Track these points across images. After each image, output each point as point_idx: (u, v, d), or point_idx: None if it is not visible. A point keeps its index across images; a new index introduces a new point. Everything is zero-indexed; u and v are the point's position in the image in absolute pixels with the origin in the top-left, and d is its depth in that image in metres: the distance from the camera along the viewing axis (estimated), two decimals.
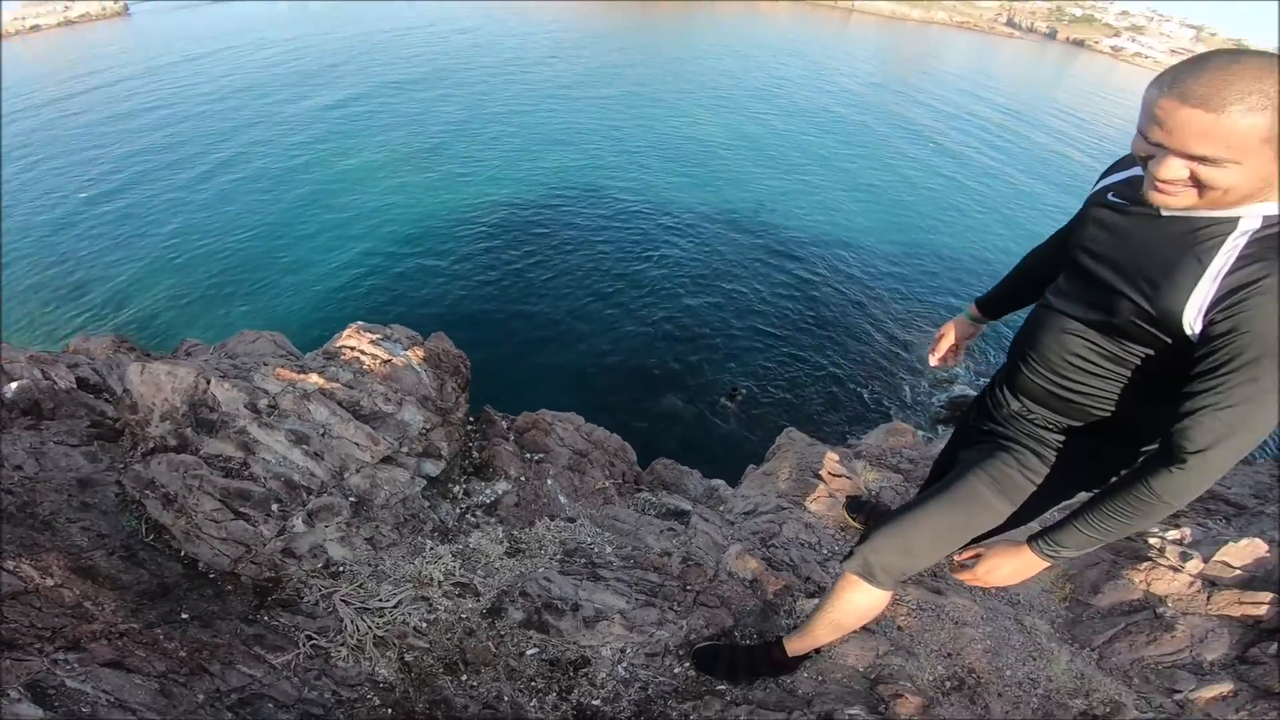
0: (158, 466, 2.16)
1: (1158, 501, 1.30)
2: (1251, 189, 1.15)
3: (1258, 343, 1.13)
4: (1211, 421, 1.20)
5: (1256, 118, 1.06)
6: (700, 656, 2.24)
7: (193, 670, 1.70)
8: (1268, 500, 3.39)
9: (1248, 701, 2.44)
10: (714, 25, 68.17)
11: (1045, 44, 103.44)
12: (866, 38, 76.88)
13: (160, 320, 14.34)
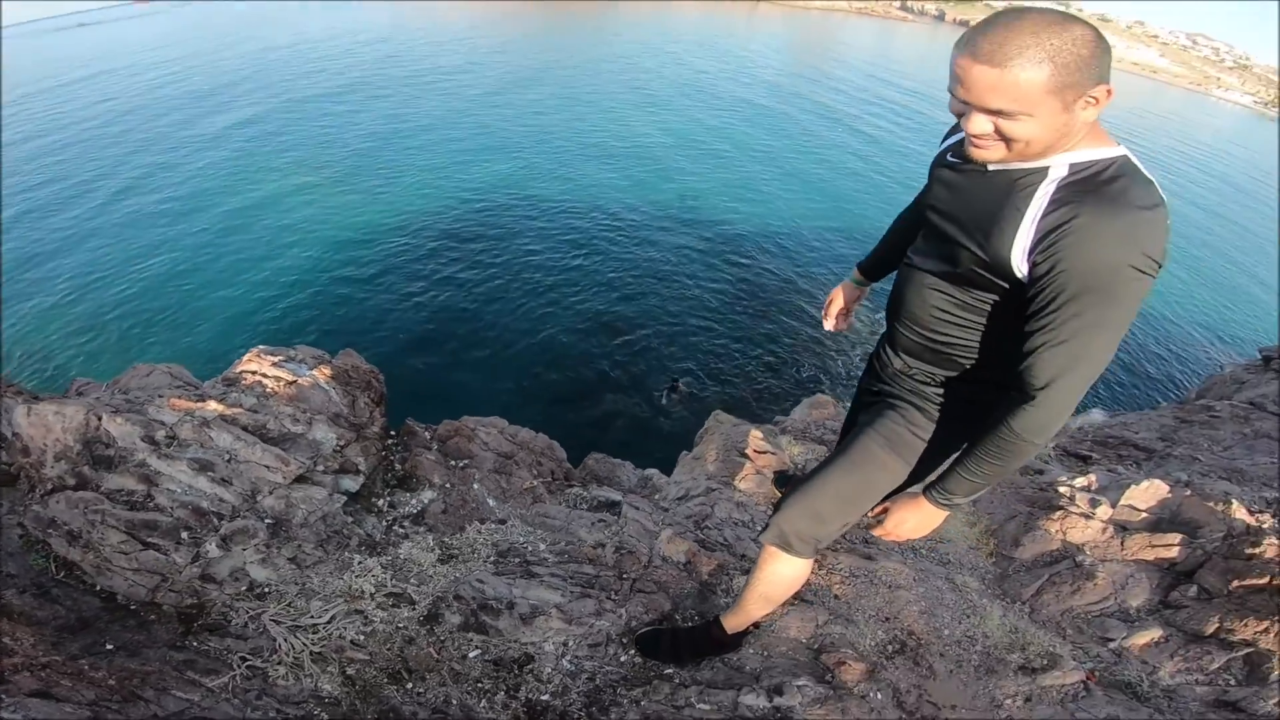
0: (56, 505, 2.28)
1: (1019, 440, 1.51)
2: (1052, 139, 1.35)
3: (1075, 279, 1.33)
4: (1050, 356, 1.40)
5: (1034, 70, 1.26)
6: (643, 642, 2.49)
7: (125, 697, 1.83)
8: (1174, 443, 3.89)
9: (1180, 646, 2.82)
10: (628, 23, 70.87)
11: (936, 25, 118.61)
12: (774, 30, 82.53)
13: (57, 361, 14.03)
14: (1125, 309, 1.35)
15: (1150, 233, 1.29)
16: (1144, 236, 1.29)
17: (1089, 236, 1.30)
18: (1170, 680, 2.73)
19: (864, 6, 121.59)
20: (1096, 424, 4.59)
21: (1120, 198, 1.31)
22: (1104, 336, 1.37)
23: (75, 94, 34.82)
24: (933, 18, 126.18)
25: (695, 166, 26.61)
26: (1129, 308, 1.35)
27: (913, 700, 2.57)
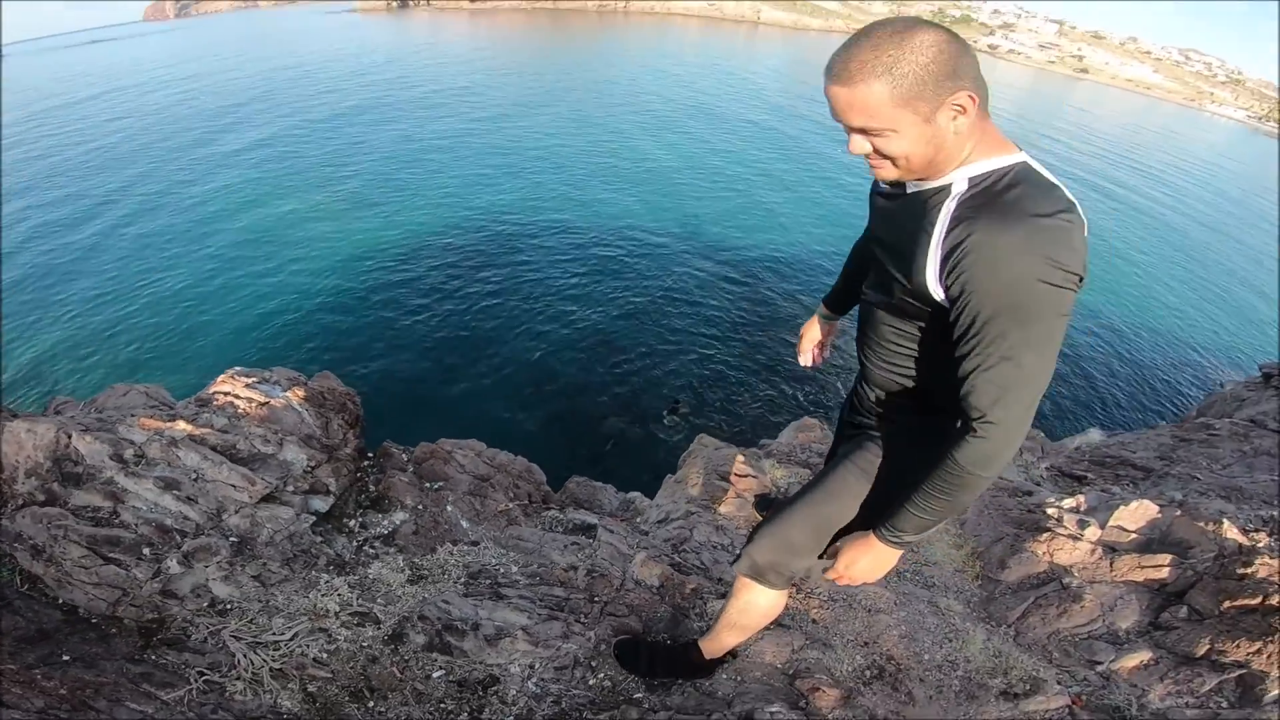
0: (23, 520, 2.29)
1: (965, 473, 1.43)
2: (928, 152, 1.32)
3: (986, 300, 1.27)
4: (983, 384, 1.33)
5: (876, 85, 1.24)
6: (621, 648, 2.46)
7: (75, 707, 1.82)
8: (1173, 462, 3.84)
9: (1170, 669, 2.76)
10: (631, 42, 72.78)
11: None
12: (775, 50, 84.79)
13: (57, 376, 14.33)
14: (1047, 324, 1.28)
15: (1052, 240, 1.23)
16: (1045, 245, 1.22)
17: (988, 253, 1.25)
18: (1160, 703, 2.67)
19: (860, 26, 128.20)
20: (1094, 444, 4.54)
21: (1014, 207, 1.26)
22: (1032, 355, 1.30)
23: (89, 111, 36.00)
24: None
25: (699, 188, 27.02)
26: (1051, 322, 1.28)
27: None
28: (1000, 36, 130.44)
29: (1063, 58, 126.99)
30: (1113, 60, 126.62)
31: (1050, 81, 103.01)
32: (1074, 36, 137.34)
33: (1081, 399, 15.78)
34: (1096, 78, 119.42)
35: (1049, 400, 15.35)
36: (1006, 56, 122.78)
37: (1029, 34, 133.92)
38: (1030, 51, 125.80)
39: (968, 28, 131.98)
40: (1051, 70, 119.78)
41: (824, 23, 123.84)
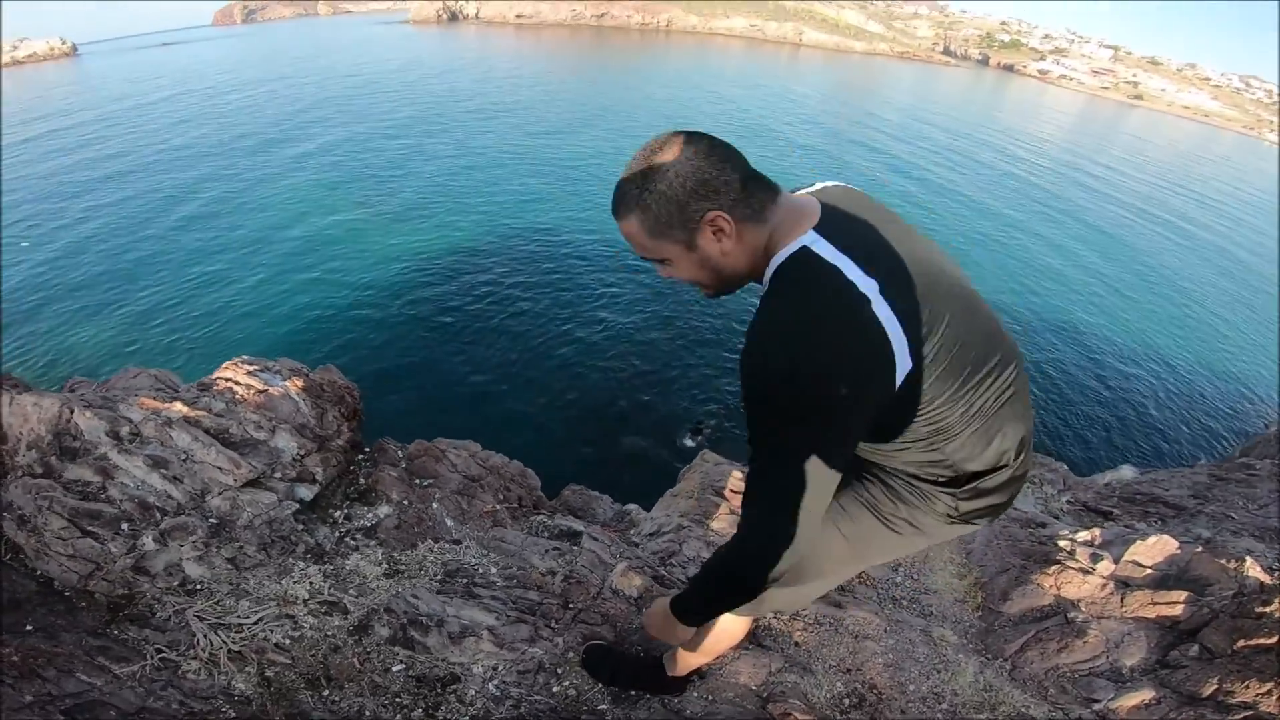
0: (14, 490, 2.37)
1: (726, 571, 1.40)
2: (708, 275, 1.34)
3: (747, 401, 1.22)
4: (749, 485, 1.27)
5: (632, 219, 1.27)
6: (589, 654, 2.42)
7: (23, 674, 1.87)
8: (1207, 500, 3.63)
9: (1171, 710, 2.60)
10: (674, 64, 73.89)
11: (979, 70, 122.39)
12: (818, 71, 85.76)
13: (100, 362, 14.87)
14: (806, 428, 1.19)
15: (789, 337, 1.16)
16: (781, 344, 1.17)
17: (744, 352, 1.22)
18: None
19: (905, 49, 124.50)
20: (1125, 480, 4.33)
21: (767, 305, 1.24)
22: (788, 460, 1.21)
23: (162, 111, 38.36)
24: (975, 62, 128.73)
25: None
26: (810, 427, 1.19)
27: None
28: (1051, 62, 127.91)
29: (1117, 84, 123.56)
30: (1169, 87, 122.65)
31: (1102, 108, 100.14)
32: (1129, 62, 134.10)
33: (1117, 434, 15.19)
34: (1152, 104, 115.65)
35: (1078, 435, 14.76)
36: (1057, 82, 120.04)
37: (1081, 59, 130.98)
38: (1082, 77, 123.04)
39: (1017, 53, 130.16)
40: (1105, 96, 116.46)
41: (867, 45, 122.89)
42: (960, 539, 3.52)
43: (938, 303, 1.26)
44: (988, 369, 1.36)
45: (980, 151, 44.07)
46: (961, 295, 1.36)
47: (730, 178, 1.24)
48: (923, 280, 1.25)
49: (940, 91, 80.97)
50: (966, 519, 1.54)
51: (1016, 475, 1.50)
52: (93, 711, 1.87)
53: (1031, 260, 26.00)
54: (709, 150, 1.24)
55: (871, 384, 1.20)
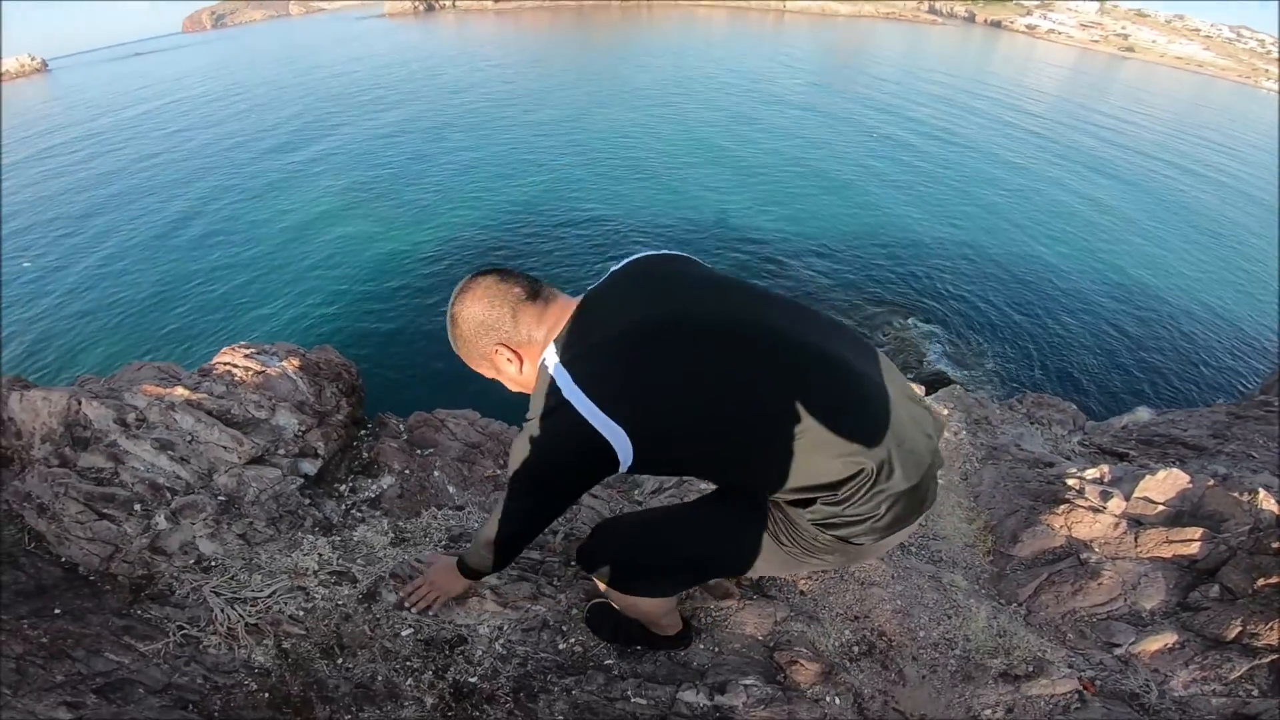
0: (32, 480, 2.56)
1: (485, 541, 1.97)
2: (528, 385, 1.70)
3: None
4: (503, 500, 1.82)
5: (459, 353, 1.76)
6: (593, 612, 2.58)
7: (53, 655, 2.06)
8: (1226, 439, 3.64)
9: (1197, 653, 2.65)
10: (658, 34, 72.90)
11: (967, 28, 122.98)
12: (803, 37, 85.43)
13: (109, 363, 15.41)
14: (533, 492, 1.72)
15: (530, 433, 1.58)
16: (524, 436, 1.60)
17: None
18: (1183, 691, 2.59)
19: (891, 10, 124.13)
20: (1142, 422, 4.33)
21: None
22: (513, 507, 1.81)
23: (146, 123, 38.69)
24: (962, 19, 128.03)
25: (743, 183, 27.19)
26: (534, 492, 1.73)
27: (876, 707, 2.54)
28: (1039, 16, 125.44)
29: (1106, 36, 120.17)
30: (1160, 38, 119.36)
31: (1095, 61, 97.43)
32: (1116, 15, 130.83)
33: (1134, 378, 15.15)
34: (1144, 56, 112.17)
35: (1095, 379, 14.77)
36: (1046, 36, 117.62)
37: (1069, 13, 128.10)
38: (1071, 31, 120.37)
39: (1003, 8, 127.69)
40: (1096, 49, 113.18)
41: (853, 8, 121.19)
42: (966, 481, 3.59)
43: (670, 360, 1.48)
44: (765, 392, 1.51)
45: (984, 105, 43.91)
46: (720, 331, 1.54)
47: (507, 305, 1.62)
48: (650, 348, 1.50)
49: (931, 50, 79.73)
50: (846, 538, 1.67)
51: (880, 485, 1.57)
52: (122, 689, 2.06)
53: (1050, 205, 25.98)
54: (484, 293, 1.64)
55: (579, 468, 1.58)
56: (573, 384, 1.47)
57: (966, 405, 4.11)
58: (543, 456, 1.55)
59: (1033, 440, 3.84)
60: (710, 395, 1.49)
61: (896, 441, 1.55)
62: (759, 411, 1.51)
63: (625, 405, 1.45)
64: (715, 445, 1.56)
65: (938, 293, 18.07)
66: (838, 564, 1.93)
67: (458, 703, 2.31)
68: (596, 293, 1.65)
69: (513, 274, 1.66)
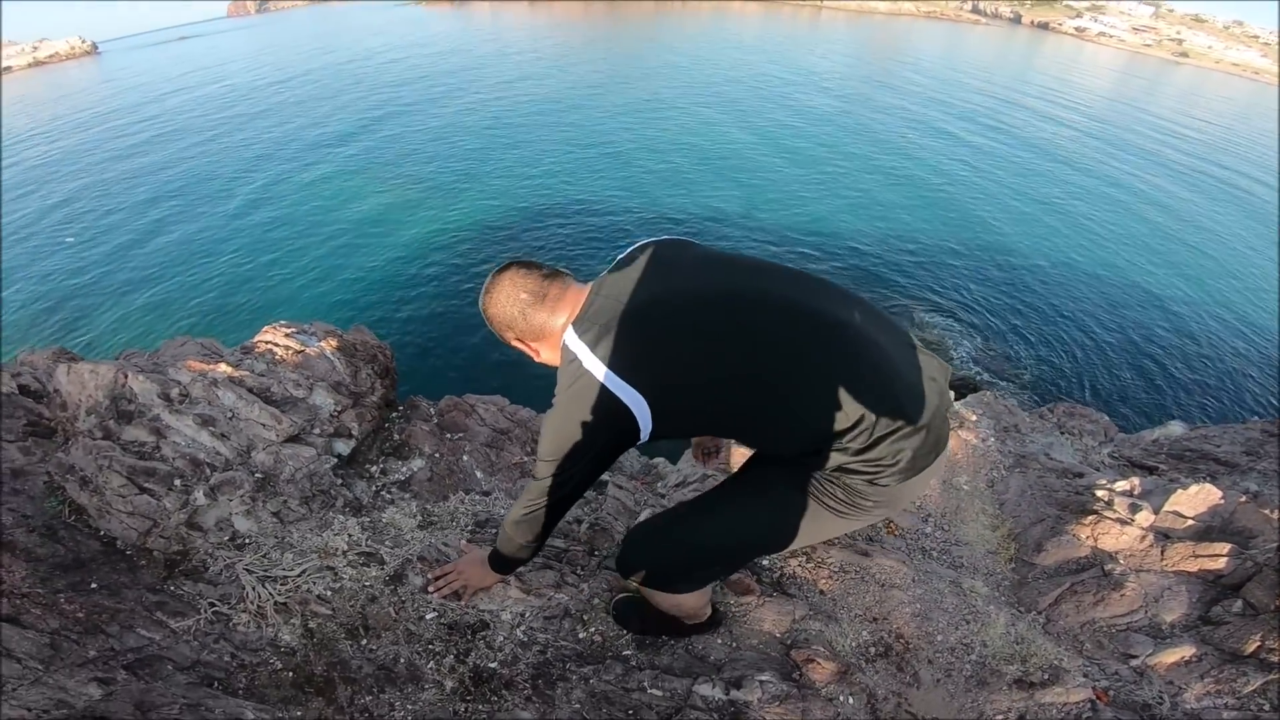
0: (75, 452, 2.55)
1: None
2: (545, 363, 1.85)
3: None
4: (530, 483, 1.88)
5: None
6: (619, 607, 2.52)
7: (87, 630, 2.05)
8: (1259, 457, 3.47)
9: (1213, 667, 2.55)
10: (691, 29, 70.37)
11: (1012, 28, 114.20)
12: (841, 34, 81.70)
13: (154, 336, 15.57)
14: (562, 464, 1.75)
15: (555, 407, 1.69)
16: (551, 411, 1.71)
17: None
18: (1196, 703, 2.48)
19: (932, 9, 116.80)
20: (1174, 436, 4.15)
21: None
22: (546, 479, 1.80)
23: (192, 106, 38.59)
24: (1007, 20, 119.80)
25: (781, 172, 26.76)
26: (563, 465, 1.75)
27: (889, 708, 2.47)
28: (1089, 19, 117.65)
29: (1160, 41, 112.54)
30: (1216, 44, 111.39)
31: (1145, 65, 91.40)
32: (1172, 19, 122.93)
33: (1168, 391, 14.54)
34: (1198, 62, 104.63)
35: (1128, 391, 14.21)
36: (1096, 39, 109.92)
37: (1121, 16, 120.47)
38: (1123, 34, 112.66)
39: (1051, 9, 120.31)
40: (1147, 54, 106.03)
41: (892, 5, 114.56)
42: (993, 489, 3.47)
43: (678, 329, 1.61)
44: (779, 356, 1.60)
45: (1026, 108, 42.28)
46: (722, 299, 1.64)
47: (514, 313, 1.75)
48: (659, 320, 1.62)
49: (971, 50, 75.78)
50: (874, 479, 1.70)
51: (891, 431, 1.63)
52: (151, 666, 2.04)
53: (1087, 212, 25.02)
54: (502, 296, 1.76)
55: (602, 432, 1.64)
56: (592, 356, 1.57)
57: (996, 412, 3.98)
58: (568, 426, 1.63)
59: (1062, 450, 3.70)
60: (716, 356, 1.59)
61: (898, 387, 1.63)
62: (762, 367, 1.60)
63: (643, 373, 1.56)
64: (724, 404, 1.66)
65: (968, 296, 17.44)
66: (873, 516, 1.89)
67: (477, 687, 2.28)
68: (608, 278, 1.73)
69: (526, 274, 1.76)
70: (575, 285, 1.77)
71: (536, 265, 1.77)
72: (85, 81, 47.82)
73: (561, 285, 1.75)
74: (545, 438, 1.71)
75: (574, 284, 1.78)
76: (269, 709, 2.03)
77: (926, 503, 3.28)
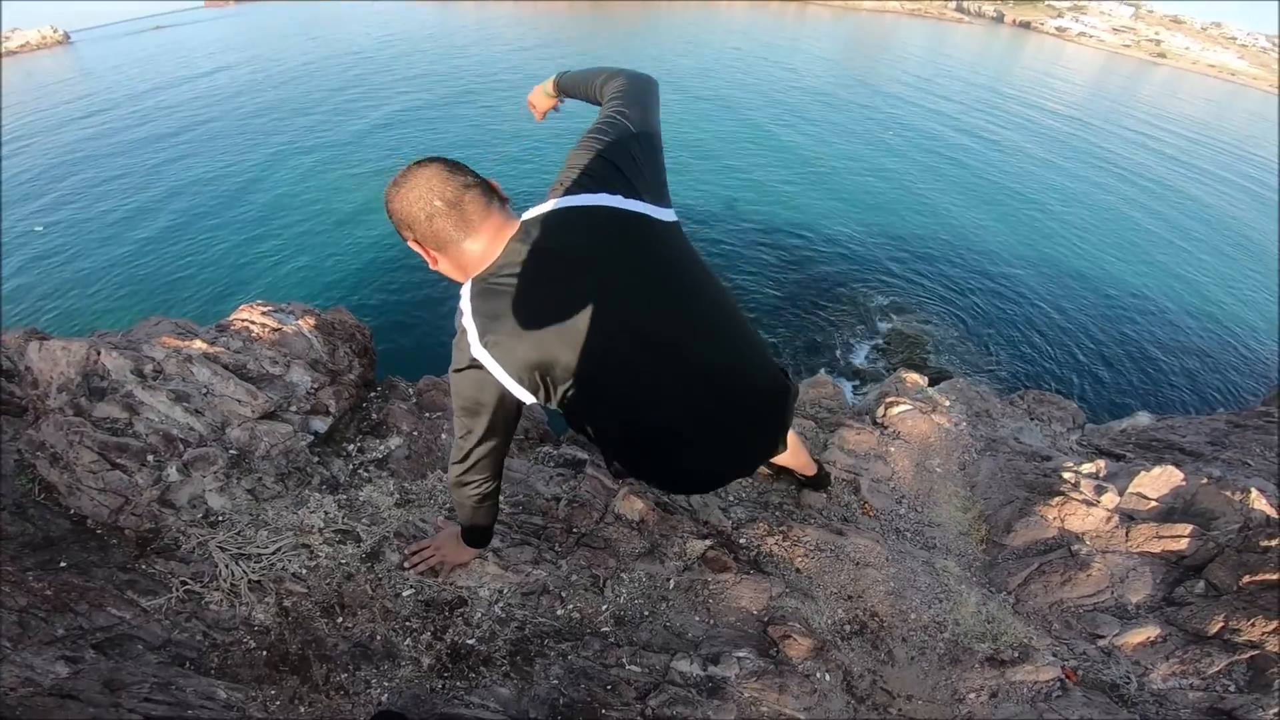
0: (46, 428, 2.42)
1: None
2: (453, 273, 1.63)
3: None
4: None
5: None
6: None
7: (56, 608, 1.94)
8: (1223, 447, 3.48)
9: (1178, 647, 2.53)
10: (677, 27, 68.42)
11: (994, 28, 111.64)
12: (826, 31, 79.91)
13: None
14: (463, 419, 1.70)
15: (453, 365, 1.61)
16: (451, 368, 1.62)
17: None
18: (1162, 683, 2.47)
19: (917, 8, 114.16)
20: (1141, 426, 4.15)
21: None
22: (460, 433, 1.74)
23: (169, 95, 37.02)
24: (990, 19, 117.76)
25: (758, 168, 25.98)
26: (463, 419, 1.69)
27: (865, 685, 2.43)
28: (1070, 19, 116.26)
29: (1139, 41, 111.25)
30: (1193, 45, 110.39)
31: (1123, 65, 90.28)
32: (1150, 20, 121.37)
33: (1136, 382, 14.45)
34: (1176, 63, 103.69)
35: (1097, 380, 14.21)
36: (1076, 39, 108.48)
37: (1102, 16, 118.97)
38: (1103, 35, 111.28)
39: (1034, 9, 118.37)
40: (1126, 54, 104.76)
41: (876, 4, 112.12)
42: (964, 471, 3.43)
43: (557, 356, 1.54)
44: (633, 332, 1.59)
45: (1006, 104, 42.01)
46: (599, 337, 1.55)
47: (420, 215, 1.51)
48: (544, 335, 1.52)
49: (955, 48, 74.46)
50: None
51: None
52: (121, 645, 1.94)
53: (1061, 206, 24.88)
54: (421, 189, 1.51)
55: (498, 411, 1.63)
56: (476, 332, 1.53)
57: (968, 398, 3.94)
58: (457, 388, 1.62)
59: (1032, 435, 3.67)
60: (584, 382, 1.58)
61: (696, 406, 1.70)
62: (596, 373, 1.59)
63: (519, 369, 1.53)
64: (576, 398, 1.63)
65: (945, 287, 17.45)
66: None
67: (454, 664, 2.20)
68: (537, 233, 1.56)
69: (449, 177, 1.52)
70: (498, 214, 1.57)
71: (463, 169, 1.55)
72: (59, 71, 46.02)
73: (483, 205, 1.53)
74: (451, 393, 1.68)
75: (497, 212, 1.56)
76: (242, 688, 1.94)
77: (900, 485, 3.23)
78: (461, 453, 1.74)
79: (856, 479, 3.14)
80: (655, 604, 2.50)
